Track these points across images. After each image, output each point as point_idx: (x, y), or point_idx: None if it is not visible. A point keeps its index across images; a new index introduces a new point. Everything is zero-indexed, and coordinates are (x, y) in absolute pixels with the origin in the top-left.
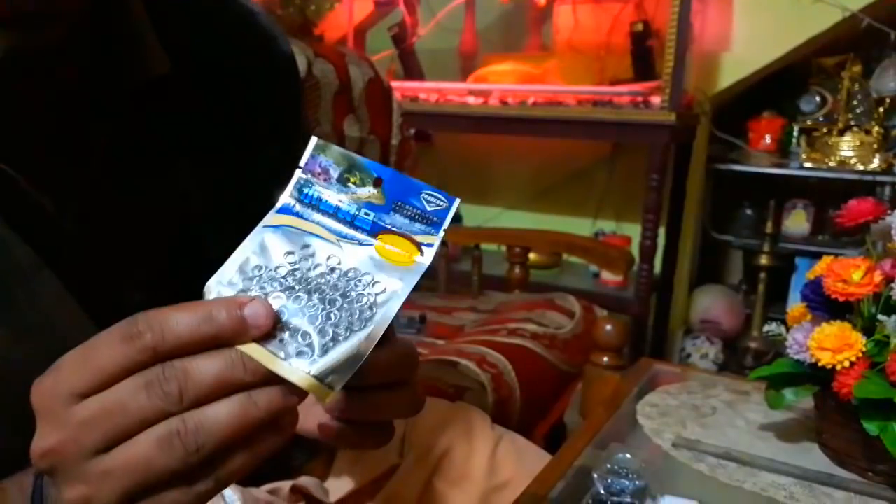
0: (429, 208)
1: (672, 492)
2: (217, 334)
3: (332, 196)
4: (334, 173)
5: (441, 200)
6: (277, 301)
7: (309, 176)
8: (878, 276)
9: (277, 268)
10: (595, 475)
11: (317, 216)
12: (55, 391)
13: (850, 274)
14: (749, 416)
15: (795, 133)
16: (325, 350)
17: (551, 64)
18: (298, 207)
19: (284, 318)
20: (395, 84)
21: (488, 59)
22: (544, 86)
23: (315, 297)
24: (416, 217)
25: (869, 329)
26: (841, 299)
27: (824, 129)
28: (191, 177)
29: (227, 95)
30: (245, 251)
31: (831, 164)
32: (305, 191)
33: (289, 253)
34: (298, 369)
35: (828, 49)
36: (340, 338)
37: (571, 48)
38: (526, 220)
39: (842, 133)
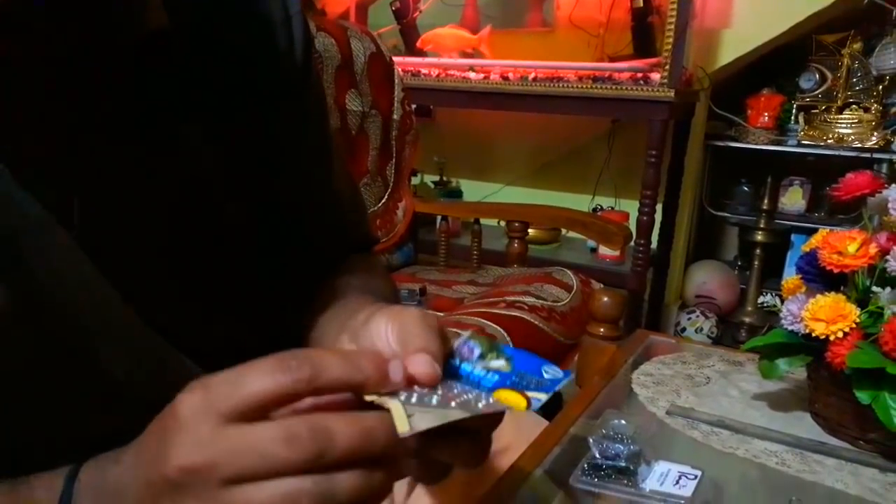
0: (545, 377)
1: (666, 457)
2: (363, 383)
3: (470, 365)
4: (477, 352)
5: (557, 372)
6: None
7: (458, 353)
8: (872, 249)
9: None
10: (591, 439)
11: (454, 375)
12: (204, 408)
13: (845, 246)
14: (742, 386)
15: (794, 110)
16: (420, 401)
17: (485, 34)
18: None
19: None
20: (396, 59)
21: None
22: (544, 62)
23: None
24: (533, 382)
25: (863, 301)
26: (836, 271)
27: (823, 107)
28: (201, 137)
29: (230, 52)
30: None
31: (829, 141)
32: (451, 360)
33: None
34: (396, 401)
35: (828, 26)
36: (433, 403)
37: (572, 24)
38: (525, 196)
39: (840, 110)
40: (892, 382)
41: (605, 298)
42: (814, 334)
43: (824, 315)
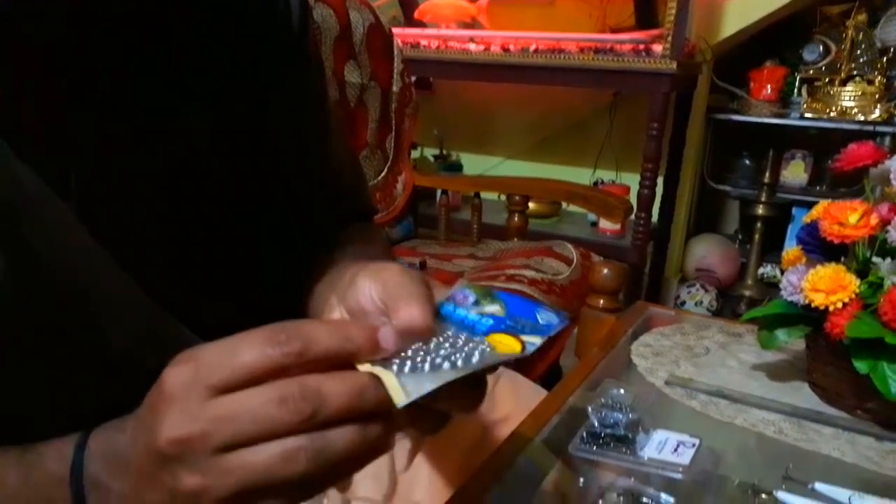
0: (540, 321)
1: (664, 426)
2: (355, 353)
3: (465, 311)
4: (472, 298)
5: (552, 317)
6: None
7: (452, 299)
8: (873, 219)
9: None
10: (589, 408)
11: (447, 319)
12: (193, 379)
13: (846, 217)
14: (741, 357)
15: (797, 83)
16: (413, 369)
17: (483, 4)
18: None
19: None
20: (395, 30)
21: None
22: (546, 33)
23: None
24: (527, 325)
25: (863, 272)
26: (836, 241)
27: (826, 79)
28: (198, 109)
29: (226, 21)
30: None
31: (832, 114)
32: (445, 305)
33: None
34: (388, 373)
35: None
36: (426, 368)
37: None
38: (526, 170)
39: (844, 83)
40: (890, 352)
41: (605, 270)
42: (813, 305)
43: (824, 286)
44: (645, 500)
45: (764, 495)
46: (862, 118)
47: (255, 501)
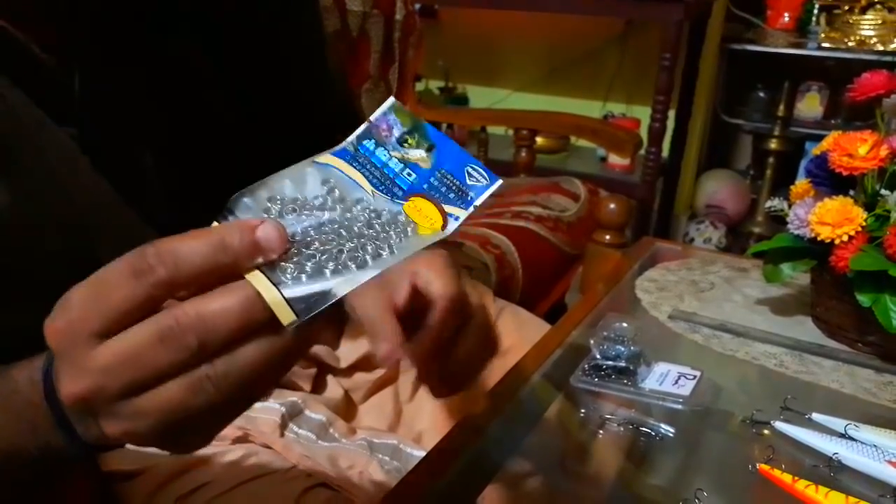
0: (468, 182)
1: (666, 360)
2: (233, 262)
3: (386, 152)
4: (397, 132)
5: (483, 177)
6: (290, 227)
7: (375, 130)
8: (883, 151)
9: (305, 199)
10: (591, 341)
11: (365, 166)
12: (71, 333)
13: (856, 148)
14: (746, 292)
15: (815, 11)
16: (307, 280)
17: None
18: (353, 154)
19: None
20: None
21: None
22: None
23: (325, 230)
24: (454, 188)
25: (870, 205)
26: (845, 173)
27: (846, 7)
28: (195, 39)
29: None
30: (283, 177)
31: (850, 44)
32: (365, 142)
33: (325, 190)
34: (273, 288)
35: None
36: (327, 272)
37: None
38: (534, 103)
39: (864, 11)
40: (893, 285)
41: (611, 205)
42: (819, 238)
43: (831, 219)
44: (645, 430)
45: (762, 426)
46: (881, 48)
47: (185, 431)
